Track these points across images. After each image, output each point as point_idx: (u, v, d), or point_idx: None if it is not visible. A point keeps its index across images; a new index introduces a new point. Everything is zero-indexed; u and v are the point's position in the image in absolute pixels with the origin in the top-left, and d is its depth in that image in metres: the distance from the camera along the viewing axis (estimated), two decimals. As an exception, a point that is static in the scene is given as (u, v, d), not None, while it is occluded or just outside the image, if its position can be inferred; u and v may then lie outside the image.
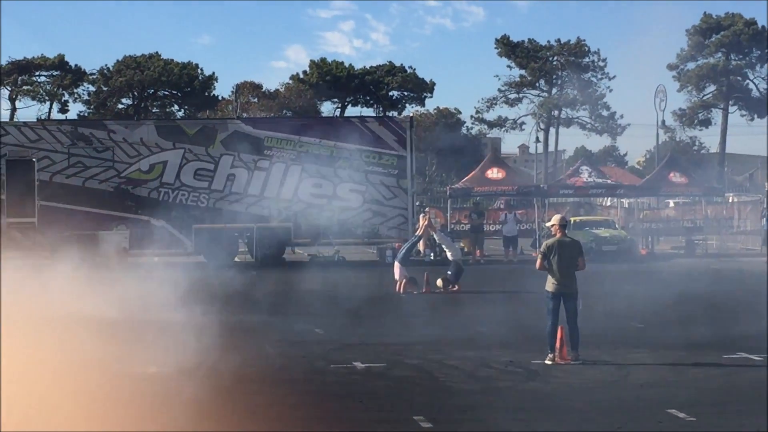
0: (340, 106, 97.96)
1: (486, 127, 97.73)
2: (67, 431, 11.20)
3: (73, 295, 22.19)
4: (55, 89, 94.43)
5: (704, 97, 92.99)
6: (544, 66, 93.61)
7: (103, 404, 12.60)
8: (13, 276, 23.37)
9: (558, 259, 16.38)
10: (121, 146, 38.07)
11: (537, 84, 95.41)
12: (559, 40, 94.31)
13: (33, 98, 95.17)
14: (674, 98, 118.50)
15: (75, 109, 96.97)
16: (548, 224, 18.02)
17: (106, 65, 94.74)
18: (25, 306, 20.15)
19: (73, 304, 20.38)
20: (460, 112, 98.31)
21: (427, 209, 38.73)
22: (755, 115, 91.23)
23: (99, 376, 14.03)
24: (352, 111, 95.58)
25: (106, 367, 14.97)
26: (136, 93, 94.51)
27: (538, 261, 16.76)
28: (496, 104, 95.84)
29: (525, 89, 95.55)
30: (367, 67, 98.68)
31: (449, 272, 28.60)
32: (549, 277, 16.51)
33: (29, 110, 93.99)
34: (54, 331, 15.81)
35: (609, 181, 46.03)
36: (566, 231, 16.90)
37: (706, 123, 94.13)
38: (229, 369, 15.61)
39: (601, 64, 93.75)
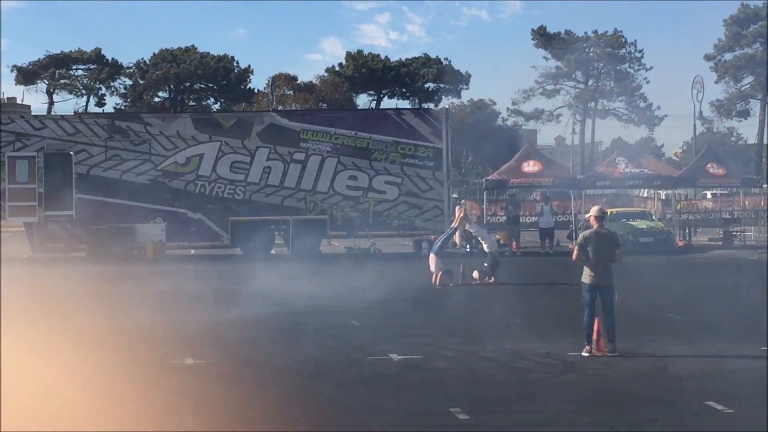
0: (375, 98, 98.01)
1: (522, 118, 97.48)
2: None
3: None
4: (92, 83, 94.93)
5: (742, 88, 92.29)
6: (581, 57, 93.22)
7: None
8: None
9: (595, 250, 16.31)
10: (157, 139, 38.26)
11: (573, 75, 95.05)
12: (596, 32, 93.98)
13: (70, 92, 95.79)
14: (711, 89, 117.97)
15: (112, 103, 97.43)
16: (587, 216, 17.96)
17: (142, 58, 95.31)
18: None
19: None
20: (495, 103, 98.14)
21: (462, 201, 38.73)
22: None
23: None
24: (387, 103, 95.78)
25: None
26: (172, 86, 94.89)
27: (575, 252, 16.69)
28: (532, 96, 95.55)
29: (561, 80, 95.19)
30: (403, 59, 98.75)
31: (485, 264, 28.60)
32: (585, 269, 16.44)
33: (67, 104, 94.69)
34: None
35: (646, 172, 45.78)
36: (604, 223, 16.80)
37: (744, 114, 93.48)
38: (265, 361, 15.67)
39: (638, 55, 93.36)
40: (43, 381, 13.76)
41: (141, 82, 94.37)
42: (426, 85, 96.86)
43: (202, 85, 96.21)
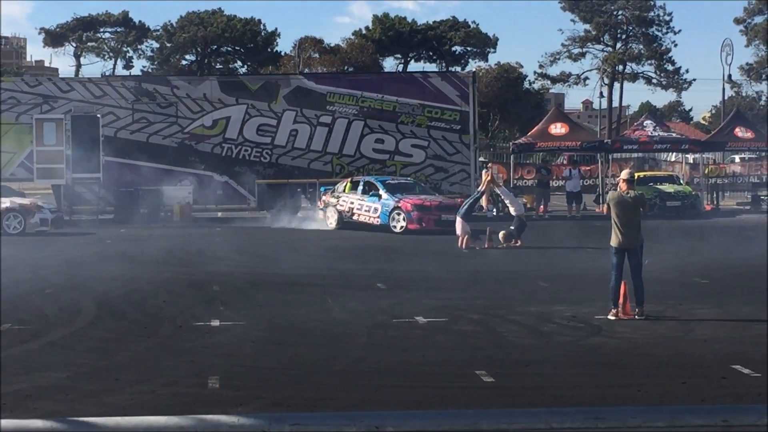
0: (402, 61, 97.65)
1: (549, 82, 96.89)
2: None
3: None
4: (120, 46, 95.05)
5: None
6: (609, 20, 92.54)
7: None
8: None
9: (621, 213, 16.21)
10: (184, 102, 38.35)
11: (601, 38, 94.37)
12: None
13: (97, 55, 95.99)
14: (741, 53, 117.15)
15: (139, 66, 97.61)
16: (617, 179, 17.91)
17: (169, 21, 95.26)
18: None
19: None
20: (522, 66, 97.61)
21: (489, 165, 38.63)
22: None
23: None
24: (414, 66, 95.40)
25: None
26: (199, 49, 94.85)
27: (604, 208, 16.77)
28: (559, 59, 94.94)
29: (589, 44, 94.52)
30: (430, 22, 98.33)
31: (512, 227, 28.55)
32: (613, 232, 16.35)
33: (94, 66, 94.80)
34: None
35: (674, 136, 45.53)
36: (632, 186, 16.60)
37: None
38: (290, 323, 15.72)
39: (667, 18, 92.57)
40: (69, 340, 13.88)
41: (168, 45, 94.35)
42: (453, 49, 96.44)
43: (229, 48, 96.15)
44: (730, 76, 69.40)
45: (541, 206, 41.23)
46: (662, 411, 5.71)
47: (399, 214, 32.38)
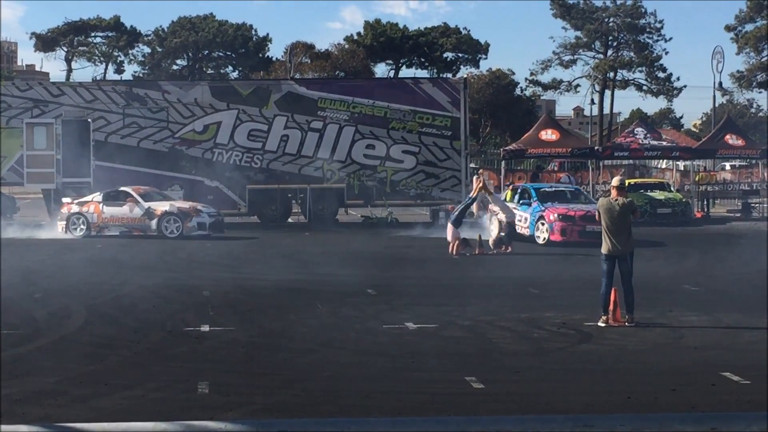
0: (394, 67, 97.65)
1: (540, 89, 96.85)
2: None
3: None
4: (111, 50, 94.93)
5: (763, 59, 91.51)
6: (600, 27, 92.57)
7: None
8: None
9: (611, 220, 16.21)
10: (175, 107, 38.26)
11: (592, 46, 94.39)
12: (615, 1, 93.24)
13: (89, 59, 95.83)
14: (732, 60, 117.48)
15: (130, 70, 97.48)
16: (608, 186, 17.94)
17: (161, 26, 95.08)
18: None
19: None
20: (513, 73, 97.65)
21: (480, 171, 38.61)
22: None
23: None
24: (405, 72, 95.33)
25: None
26: (190, 54, 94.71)
27: (597, 215, 16.73)
28: (550, 66, 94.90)
29: (580, 51, 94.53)
30: (422, 28, 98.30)
31: (502, 234, 28.56)
32: (603, 239, 16.36)
33: (85, 71, 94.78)
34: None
35: (664, 143, 45.58)
36: (622, 193, 16.57)
37: (765, 85, 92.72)
38: (280, 328, 15.70)
39: (658, 25, 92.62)
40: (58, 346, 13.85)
41: (159, 49, 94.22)
42: (445, 55, 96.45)
43: (221, 53, 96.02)
44: (720, 83, 69.63)
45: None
46: (651, 418, 5.71)
47: (543, 224, 30.50)
